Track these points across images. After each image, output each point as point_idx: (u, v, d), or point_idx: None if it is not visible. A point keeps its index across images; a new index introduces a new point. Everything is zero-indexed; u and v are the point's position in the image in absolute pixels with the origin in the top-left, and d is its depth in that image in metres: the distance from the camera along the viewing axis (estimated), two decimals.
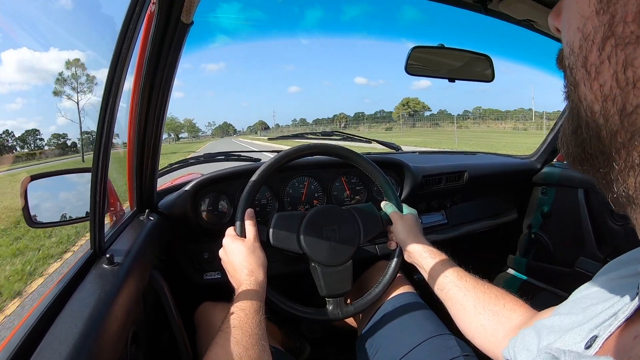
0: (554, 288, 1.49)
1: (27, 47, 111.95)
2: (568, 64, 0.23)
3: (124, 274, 0.58)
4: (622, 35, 0.19)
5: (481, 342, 0.64)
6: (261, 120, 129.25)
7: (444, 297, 0.73)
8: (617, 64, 0.20)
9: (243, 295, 0.67)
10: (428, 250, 0.81)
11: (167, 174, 1.22)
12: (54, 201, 0.80)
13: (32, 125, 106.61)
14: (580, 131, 0.24)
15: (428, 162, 1.36)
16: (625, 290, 0.32)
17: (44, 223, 0.76)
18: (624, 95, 0.20)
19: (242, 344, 0.56)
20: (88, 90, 35.93)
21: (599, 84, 0.21)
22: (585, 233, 1.37)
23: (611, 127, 0.21)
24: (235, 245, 0.78)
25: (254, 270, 0.74)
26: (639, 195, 0.21)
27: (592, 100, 0.22)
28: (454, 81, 1.14)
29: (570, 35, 0.23)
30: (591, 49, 0.21)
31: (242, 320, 0.61)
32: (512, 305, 0.64)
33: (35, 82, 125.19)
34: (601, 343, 0.29)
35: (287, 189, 1.11)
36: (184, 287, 0.98)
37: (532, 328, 0.45)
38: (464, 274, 0.73)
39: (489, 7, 0.90)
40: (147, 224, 0.83)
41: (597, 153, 0.23)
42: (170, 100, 0.76)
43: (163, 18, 0.62)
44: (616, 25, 0.19)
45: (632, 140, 0.20)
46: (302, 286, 1.02)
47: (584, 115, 0.23)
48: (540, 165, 1.55)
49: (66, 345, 0.40)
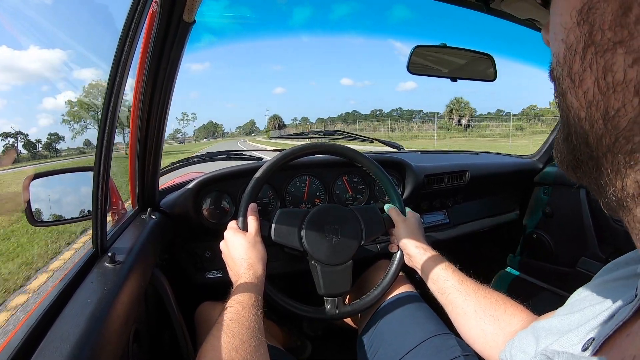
0: (555, 288, 1.49)
1: (28, 47, 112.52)
2: (556, 75, 0.24)
3: (126, 273, 0.58)
4: (600, 43, 0.20)
5: (481, 347, 0.64)
6: (252, 120, 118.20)
7: (445, 301, 0.73)
8: (597, 70, 0.21)
9: (241, 288, 0.67)
10: (429, 254, 0.80)
11: (169, 173, 1.22)
12: (56, 200, 0.80)
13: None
14: (570, 138, 0.25)
15: (430, 161, 1.36)
16: (623, 291, 0.32)
17: (45, 222, 0.76)
18: (606, 100, 0.20)
19: (238, 337, 0.56)
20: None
21: (582, 91, 0.22)
22: (587, 233, 1.36)
23: (597, 132, 0.22)
24: (236, 239, 0.79)
25: (254, 264, 0.74)
26: (627, 198, 0.22)
27: (578, 107, 0.23)
28: (456, 80, 1.14)
29: (556, 46, 0.24)
30: (574, 59, 0.22)
31: (240, 314, 0.61)
32: (513, 310, 0.64)
33: (15, 82, 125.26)
34: (598, 345, 0.29)
35: (289, 188, 1.11)
36: (186, 285, 0.98)
37: (529, 330, 0.45)
38: (464, 278, 0.73)
39: (491, 6, 0.89)
40: (149, 222, 0.83)
41: (587, 159, 0.24)
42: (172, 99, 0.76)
43: (165, 17, 0.62)
44: (595, 34, 0.20)
45: (617, 143, 0.21)
46: (301, 285, 1.02)
47: (572, 123, 0.24)
48: (542, 165, 1.54)
49: (68, 343, 0.40)
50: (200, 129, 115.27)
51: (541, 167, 1.54)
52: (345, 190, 1.17)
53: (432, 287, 0.77)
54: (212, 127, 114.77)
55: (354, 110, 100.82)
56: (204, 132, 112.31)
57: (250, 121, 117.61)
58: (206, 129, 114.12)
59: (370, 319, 0.89)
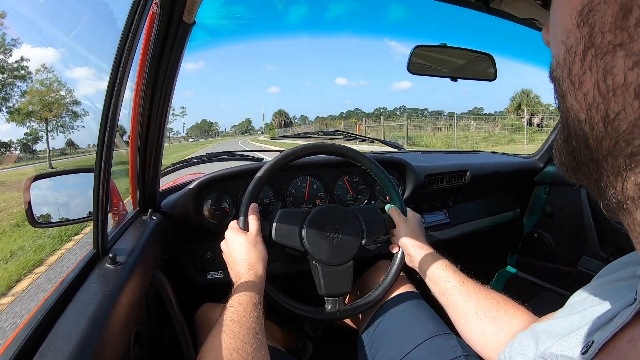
0: (557, 287, 1.49)
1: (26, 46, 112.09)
2: (556, 76, 0.24)
3: (127, 274, 0.58)
4: (600, 45, 0.20)
5: (482, 348, 0.64)
6: (248, 119, 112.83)
7: (445, 302, 0.73)
8: (597, 72, 0.20)
9: (242, 288, 0.67)
10: (430, 255, 0.80)
11: (170, 174, 1.22)
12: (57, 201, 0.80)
13: None
14: (570, 140, 0.25)
15: (430, 161, 1.36)
16: (622, 294, 0.32)
17: (46, 223, 0.76)
18: (606, 103, 0.20)
19: (239, 337, 0.56)
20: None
21: (582, 94, 0.22)
22: (588, 232, 1.36)
23: (597, 135, 0.22)
24: (237, 239, 0.79)
25: (254, 264, 0.74)
26: (627, 200, 0.22)
27: (578, 109, 0.23)
28: (456, 80, 1.14)
29: (556, 48, 0.24)
30: (574, 60, 0.22)
31: (241, 314, 0.61)
32: (514, 312, 0.64)
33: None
34: (597, 348, 0.28)
35: (289, 188, 1.11)
36: (187, 286, 0.98)
37: (529, 332, 0.45)
38: (465, 279, 0.73)
39: (491, 5, 0.89)
40: (150, 223, 0.84)
41: (587, 161, 0.24)
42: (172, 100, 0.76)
43: (165, 18, 0.62)
44: (595, 36, 0.20)
45: (617, 146, 0.21)
46: (302, 286, 1.02)
47: (572, 125, 0.24)
48: (542, 164, 1.54)
49: (69, 344, 0.40)
50: (193, 127, 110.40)
51: (542, 166, 1.54)
52: (346, 190, 1.17)
53: (433, 288, 0.77)
54: (205, 125, 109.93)
55: (357, 108, 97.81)
56: (198, 130, 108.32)
57: (246, 120, 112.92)
58: (200, 128, 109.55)
59: (371, 318, 0.88)
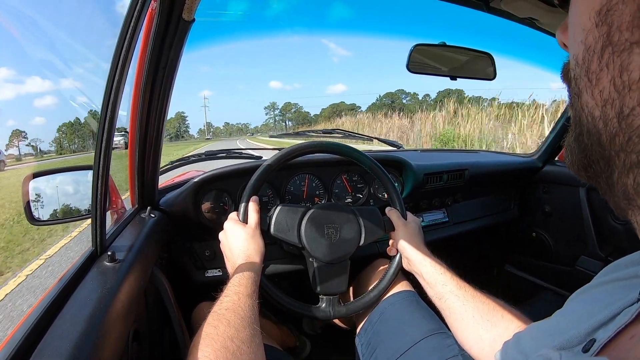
0: (555, 287, 1.49)
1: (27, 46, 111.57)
2: (573, 75, 0.25)
3: (125, 272, 0.58)
4: (617, 43, 0.21)
5: (478, 352, 0.64)
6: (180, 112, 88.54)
7: (442, 306, 0.73)
8: (614, 69, 0.21)
9: (237, 278, 0.67)
10: (428, 259, 0.80)
11: (169, 172, 1.22)
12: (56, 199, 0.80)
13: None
14: (582, 138, 0.25)
15: (429, 160, 1.36)
16: (624, 293, 0.32)
17: (45, 220, 0.76)
18: (621, 99, 0.21)
19: (233, 326, 0.56)
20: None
21: (599, 90, 0.22)
22: (587, 232, 1.37)
23: (610, 131, 0.22)
24: (235, 230, 0.79)
25: (251, 256, 0.74)
26: (637, 196, 0.22)
27: (593, 106, 0.23)
28: (455, 79, 1.14)
29: (575, 48, 0.24)
30: (592, 59, 0.23)
31: (235, 303, 0.61)
32: (511, 317, 0.64)
33: None
34: (599, 347, 0.29)
35: (288, 187, 1.11)
36: (185, 284, 0.98)
37: (527, 331, 0.45)
38: (463, 284, 0.73)
39: (491, 5, 0.89)
40: (149, 221, 0.83)
41: (598, 158, 0.24)
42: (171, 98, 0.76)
43: (164, 16, 0.62)
44: (613, 35, 0.21)
45: (630, 142, 0.21)
46: (299, 284, 1.02)
47: (585, 122, 0.25)
48: (541, 164, 1.54)
49: (67, 342, 0.40)
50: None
51: (541, 166, 1.54)
52: (345, 189, 1.17)
53: (430, 292, 0.77)
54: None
55: (341, 101, 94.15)
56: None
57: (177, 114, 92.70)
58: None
59: (368, 317, 0.89)
